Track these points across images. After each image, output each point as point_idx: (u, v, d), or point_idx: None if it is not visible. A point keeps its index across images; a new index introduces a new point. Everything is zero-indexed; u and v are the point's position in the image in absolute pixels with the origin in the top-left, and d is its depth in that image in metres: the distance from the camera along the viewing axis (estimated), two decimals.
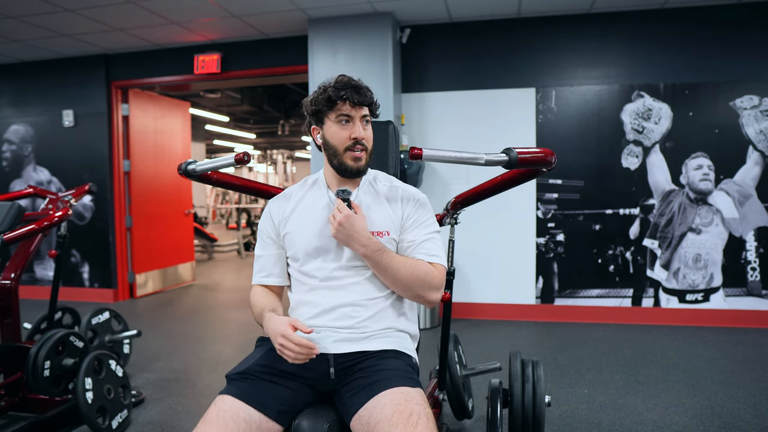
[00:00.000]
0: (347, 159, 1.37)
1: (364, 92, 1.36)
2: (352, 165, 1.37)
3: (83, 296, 5.21)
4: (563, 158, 4.06)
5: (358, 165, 1.38)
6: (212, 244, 8.86)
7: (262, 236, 1.47)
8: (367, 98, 1.36)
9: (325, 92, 1.35)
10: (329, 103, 1.35)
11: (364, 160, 1.39)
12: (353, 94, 1.33)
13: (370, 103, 1.37)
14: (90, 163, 5.15)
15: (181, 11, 4.00)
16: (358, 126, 1.35)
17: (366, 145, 1.38)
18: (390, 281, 1.33)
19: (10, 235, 2.18)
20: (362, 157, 1.38)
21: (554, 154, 1.28)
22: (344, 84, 1.35)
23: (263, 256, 1.46)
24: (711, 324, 4.00)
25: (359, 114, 1.36)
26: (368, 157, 1.41)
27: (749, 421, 2.38)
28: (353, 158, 1.37)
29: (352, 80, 1.37)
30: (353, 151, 1.36)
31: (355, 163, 1.37)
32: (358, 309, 1.32)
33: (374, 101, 1.40)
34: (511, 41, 4.22)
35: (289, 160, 14.67)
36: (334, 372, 1.28)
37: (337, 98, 1.33)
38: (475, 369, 2.32)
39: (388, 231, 1.38)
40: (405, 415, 1.11)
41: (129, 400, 2.44)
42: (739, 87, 3.93)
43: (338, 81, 1.36)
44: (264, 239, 1.47)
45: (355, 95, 1.33)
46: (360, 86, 1.36)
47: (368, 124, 1.39)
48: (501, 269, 4.31)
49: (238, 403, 1.18)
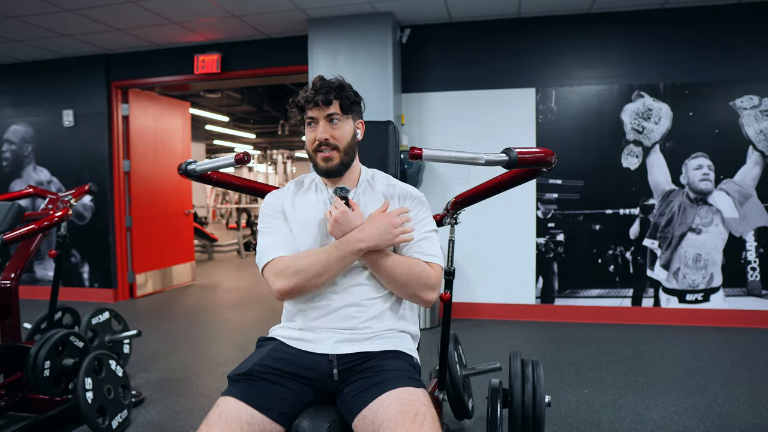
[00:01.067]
0: (318, 159, 1.38)
1: (328, 91, 1.33)
2: (322, 165, 1.38)
3: (83, 296, 5.21)
4: (563, 158, 4.06)
5: (327, 165, 1.38)
6: (212, 244, 8.86)
7: (268, 214, 1.42)
8: (328, 98, 1.33)
9: (295, 100, 1.39)
10: (299, 110, 1.39)
11: (335, 160, 1.37)
12: (314, 96, 1.34)
13: (331, 102, 1.34)
14: (90, 163, 5.15)
15: (181, 11, 4.00)
16: (321, 126, 1.36)
17: (334, 144, 1.36)
18: (386, 279, 1.32)
19: (10, 235, 2.18)
20: (332, 156, 1.37)
21: (554, 154, 1.28)
22: (311, 88, 1.36)
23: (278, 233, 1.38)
24: (711, 324, 4.00)
25: (323, 114, 1.35)
26: (342, 155, 1.38)
27: (749, 421, 2.38)
28: (322, 158, 1.37)
29: (322, 80, 1.37)
30: (320, 152, 1.37)
31: (325, 163, 1.38)
32: (359, 309, 1.32)
33: (342, 96, 1.36)
34: (511, 41, 4.22)
35: (289, 160, 14.67)
36: (337, 373, 1.27)
37: (303, 103, 1.37)
38: (475, 369, 2.32)
39: None
40: (411, 415, 1.11)
41: (129, 400, 2.44)
42: (739, 87, 3.93)
43: (309, 86, 1.38)
44: (272, 216, 1.41)
45: (317, 96, 1.33)
46: (326, 86, 1.35)
47: (337, 123, 1.37)
48: (501, 269, 4.31)
49: (240, 405, 1.18)
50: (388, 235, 1.29)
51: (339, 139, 1.37)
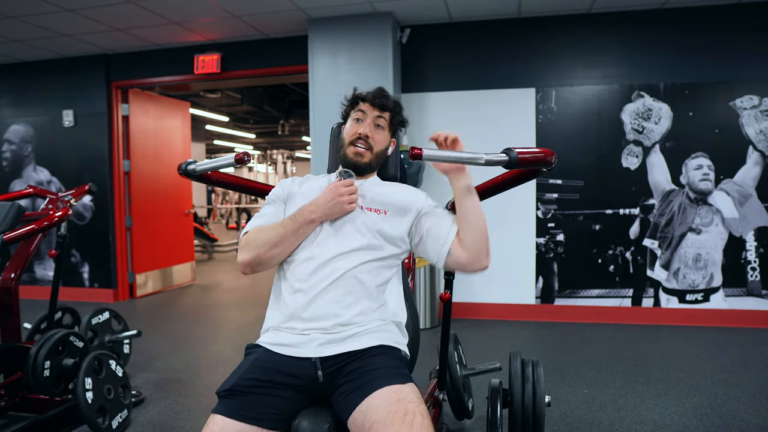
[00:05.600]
0: (349, 152, 1.45)
1: (386, 98, 1.45)
2: (352, 157, 1.44)
3: (83, 296, 5.21)
4: (563, 158, 4.06)
5: (357, 159, 1.43)
6: (212, 244, 8.86)
7: (272, 199, 1.50)
8: (385, 103, 1.45)
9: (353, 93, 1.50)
10: (352, 102, 1.49)
11: (366, 158, 1.44)
12: (373, 95, 1.45)
13: (386, 109, 1.46)
14: (90, 163, 5.15)
15: (181, 11, 4.00)
16: (368, 124, 1.45)
17: (371, 144, 1.45)
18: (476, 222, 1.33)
19: (10, 235, 2.18)
20: (364, 153, 1.44)
21: (554, 154, 1.28)
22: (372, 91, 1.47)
23: (266, 216, 1.44)
24: (711, 324, 4.00)
25: (373, 114, 1.45)
26: (374, 158, 1.46)
27: (749, 421, 2.38)
28: (354, 152, 1.44)
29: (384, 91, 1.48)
30: (355, 146, 1.44)
31: (355, 156, 1.44)
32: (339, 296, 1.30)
33: (394, 110, 1.48)
34: (511, 41, 4.22)
35: (289, 160, 14.69)
36: (322, 375, 1.26)
37: (359, 98, 1.47)
38: (475, 369, 2.31)
39: (386, 211, 1.40)
40: (400, 414, 1.11)
41: (129, 400, 2.44)
42: (739, 87, 3.93)
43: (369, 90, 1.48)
44: (273, 202, 1.49)
45: (375, 97, 1.44)
46: (386, 94, 1.46)
47: (381, 129, 1.47)
48: (501, 269, 4.30)
49: (228, 422, 1.17)
50: (336, 205, 1.34)
51: (377, 143, 1.46)
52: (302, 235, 1.35)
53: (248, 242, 1.36)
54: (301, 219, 1.34)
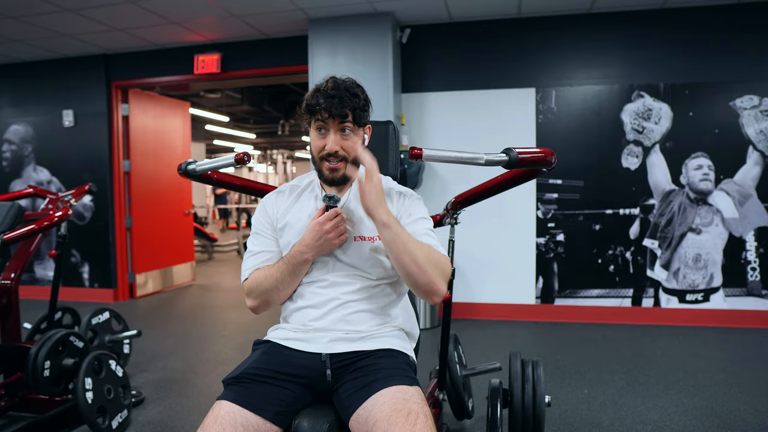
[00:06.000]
0: (324, 168, 1.35)
1: (342, 103, 1.27)
2: (328, 175, 1.35)
3: (83, 296, 5.21)
4: (563, 158, 4.06)
5: (333, 175, 1.35)
6: (212, 244, 8.86)
7: (259, 230, 1.44)
8: (343, 111, 1.28)
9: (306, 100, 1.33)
10: (309, 110, 1.32)
11: (342, 170, 1.34)
12: (329, 104, 1.27)
13: (346, 115, 1.29)
14: (90, 163, 5.15)
15: (181, 11, 4.00)
16: (332, 138, 1.30)
17: (343, 155, 1.33)
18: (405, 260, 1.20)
19: (10, 235, 2.18)
20: (339, 167, 1.34)
21: (554, 154, 1.28)
22: (325, 92, 1.29)
23: (264, 252, 1.41)
24: (711, 324, 4.00)
25: (335, 124, 1.30)
26: (350, 164, 1.35)
27: (749, 421, 2.38)
28: (329, 168, 1.34)
29: (337, 86, 1.30)
30: (328, 162, 1.33)
31: (331, 173, 1.35)
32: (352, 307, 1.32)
33: (356, 108, 1.30)
34: (511, 41, 4.22)
35: (289, 160, 14.68)
36: (330, 373, 1.27)
37: (314, 108, 1.30)
38: (475, 369, 2.32)
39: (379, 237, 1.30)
40: (404, 413, 1.11)
41: (129, 400, 2.44)
42: (739, 87, 3.93)
43: (322, 88, 1.31)
44: (261, 232, 1.43)
45: (332, 107, 1.27)
46: (340, 95, 1.28)
47: (349, 134, 1.32)
48: (501, 269, 4.31)
49: (234, 408, 1.18)
50: (325, 243, 1.30)
51: (349, 151, 1.33)
52: (300, 274, 1.35)
53: (251, 290, 1.38)
54: (294, 261, 1.32)
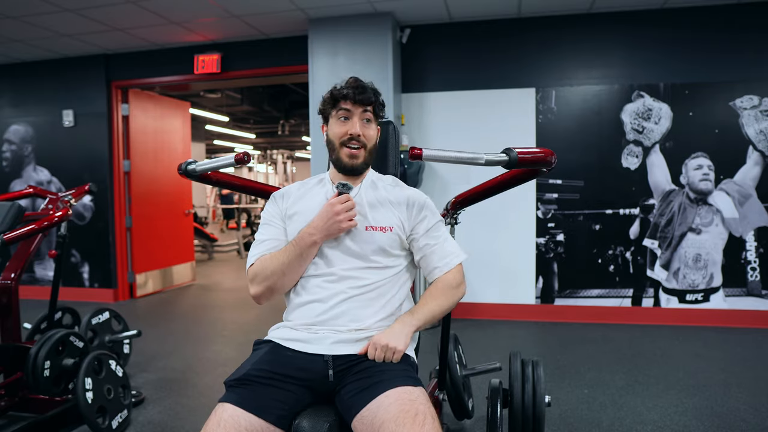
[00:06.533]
0: (343, 155, 1.41)
1: (366, 92, 1.40)
2: (347, 161, 1.40)
3: (83, 296, 5.20)
4: (563, 158, 4.06)
5: (353, 162, 1.40)
6: (212, 244, 8.86)
7: (268, 221, 1.46)
8: (368, 98, 1.40)
9: (331, 91, 1.42)
10: (333, 101, 1.42)
11: (361, 158, 1.41)
12: (354, 92, 1.38)
13: (370, 103, 1.41)
14: (90, 163, 5.15)
15: (181, 11, 4.00)
16: (356, 122, 1.39)
17: (364, 142, 1.41)
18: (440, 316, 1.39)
19: (10, 235, 2.18)
20: (358, 154, 1.40)
21: (554, 154, 1.28)
22: (349, 84, 1.41)
23: (272, 239, 1.41)
24: (711, 324, 4.00)
25: (358, 111, 1.40)
26: (367, 155, 1.43)
27: (749, 421, 2.38)
28: (348, 155, 1.40)
29: (359, 81, 1.42)
30: (349, 147, 1.40)
31: (350, 159, 1.40)
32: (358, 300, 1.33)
33: (376, 102, 1.43)
34: (511, 41, 4.22)
35: (289, 160, 14.68)
36: (332, 374, 1.27)
37: (339, 96, 1.40)
38: (475, 369, 2.32)
39: (391, 227, 1.38)
40: (411, 414, 1.11)
41: (129, 400, 2.44)
42: (739, 87, 3.93)
43: (346, 82, 1.43)
44: (270, 222, 1.45)
45: (356, 94, 1.38)
46: (364, 87, 1.41)
47: (369, 123, 1.43)
48: (501, 269, 4.31)
49: (237, 411, 1.17)
50: (334, 224, 1.32)
51: (369, 139, 1.43)
52: (307, 258, 1.34)
53: (256, 274, 1.36)
54: (302, 243, 1.32)
